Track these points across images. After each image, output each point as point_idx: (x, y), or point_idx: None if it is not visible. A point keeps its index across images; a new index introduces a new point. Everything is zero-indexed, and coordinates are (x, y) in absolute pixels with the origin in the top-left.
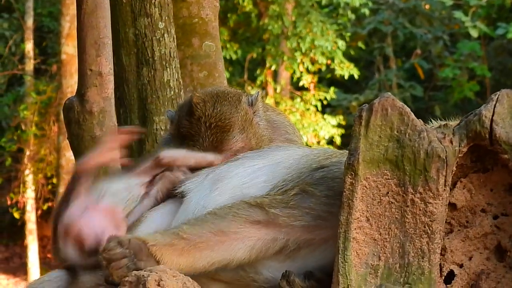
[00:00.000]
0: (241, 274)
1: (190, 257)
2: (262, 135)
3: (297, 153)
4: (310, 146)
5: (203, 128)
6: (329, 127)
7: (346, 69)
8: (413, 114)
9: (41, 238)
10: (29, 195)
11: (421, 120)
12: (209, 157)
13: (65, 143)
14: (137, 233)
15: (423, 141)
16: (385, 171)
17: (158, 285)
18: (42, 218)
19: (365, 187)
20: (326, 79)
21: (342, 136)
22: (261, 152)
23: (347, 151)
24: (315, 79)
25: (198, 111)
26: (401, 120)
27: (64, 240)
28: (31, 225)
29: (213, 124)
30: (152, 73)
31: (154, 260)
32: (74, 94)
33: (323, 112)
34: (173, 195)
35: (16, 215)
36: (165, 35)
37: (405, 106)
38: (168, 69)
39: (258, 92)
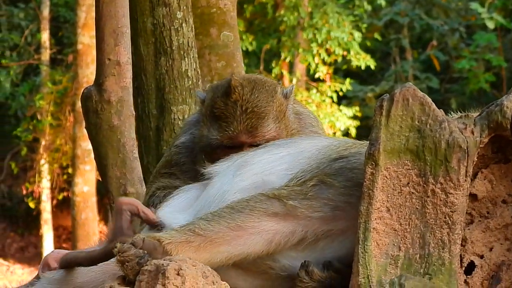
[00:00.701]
0: (258, 261)
1: (207, 252)
2: (292, 128)
3: (319, 144)
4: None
5: (239, 111)
6: (345, 118)
7: (362, 60)
8: (434, 104)
9: (56, 228)
10: (45, 185)
11: (442, 111)
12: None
13: (81, 133)
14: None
15: (444, 131)
16: (406, 161)
17: (178, 274)
18: (57, 208)
19: (386, 177)
20: (342, 70)
21: (357, 128)
22: (286, 141)
23: (367, 142)
24: (331, 70)
25: (235, 94)
26: (422, 110)
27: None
28: (47, 214)
29: (249, 109)
30: (170, 63)
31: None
32: (90, 83)
33: (339, 103)
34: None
35: (32, 204)
36: (183, 24)
37: (426, 96)
38: (186, 59)
39: (293, 85)
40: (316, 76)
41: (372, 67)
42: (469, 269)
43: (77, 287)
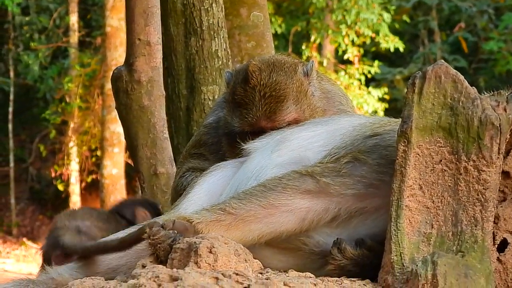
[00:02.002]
0: (292, 238)
1: (238, 231)
2: (316, 106)
3: (355, 121)
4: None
5: (257, 97)
6: (374, 100)
7: (391, 42)
8: (466, 81)
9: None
10: (73, 168)
11: (474, 88)
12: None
13: (110, 116)
14: (191, 196)
15: (476, 108)
16: (438, 139)
17: (210, 252)
18: (86, 190)
19: (418, 154)
20: (370, 52)
21: (386, 110)
22: (324, 118)
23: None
24: (361, 51)
25: (253, 79)
26: (454, 88)
27: None
28: (75, 197)
29: (268, 93)
30: (200, 43)
31: None
32: (120, 66)
33: (367, 85)
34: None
35: (60, 187)
36: (213, 5)
37: (459, 73)
38: (216, 39)
39: (313, 61)
40: (346, 57)
41: (401, 49)
42: (502, 246)
43: (111, 269)
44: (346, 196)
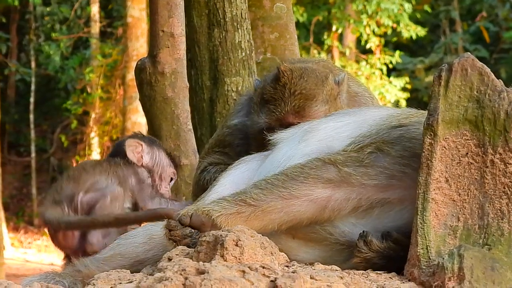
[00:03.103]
0: (317, 228)
1: (258, 221)
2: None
3: (384, 112)
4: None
5: (287, 93)
6: (395, 90)
7: (413, 31)
8: (493, 74)
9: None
10: (95, 158)
11: (501, 81)
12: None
13: (131, 106)
14: (217, 188)
15: (503, 101)
16: (465, 132)
17: (236, 245)
18: None
19: (444, 147)
20: (391, 43)
21: (407, 100)
22: (352, 109)
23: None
24: (382, 41)
25: (284, 78)
26: (481, 80)
27: None
28: None
29: (298, 91)
30: (223, 35)
31: (220, 230)
32: (140, 57)
33: (388, 75)
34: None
35: None
36: None
37: (485, 66)
38: (240, 30)
39: (344, 73)
40: (368, 47)
41: (423, 33)
42: None
43: (138, 261)
44: (367, 187)
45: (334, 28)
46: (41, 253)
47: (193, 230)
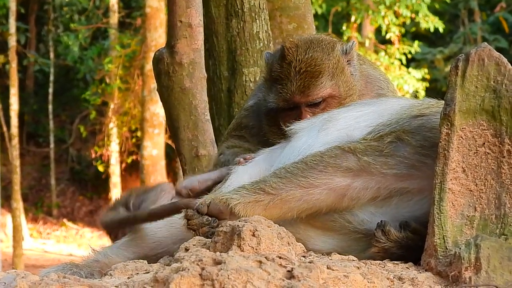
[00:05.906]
0: (336, 216)
1: (277, 209)
2: (353, 85)
3: (404, 102)
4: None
5: (293, 72)
6: (414, 80)
7: (431, 22)
8: (510, 64)
9: (125, 191)
10: (113, 149)
11: None
12: (223, 171)
13: (150, 97)
14: (235, 177)
15: None
16: (482, 122)
17: (253, 235)
18: (126, 171)
19: (461, 137)
20: (410, 33)
21: (426, 90)
22: (372, 100)
23: None
24: (403, 31)
25: (289, 55)
26: (497, 70)
27: None
28: (115, 178)
29: (303, 69)
30: (241, 25)
31: (238, 218)
32: (159, 47)
33: (407, 66)
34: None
35: (101, 168)
36: None
37: (502, 56)
38: (257, 20)
39: (353, 41)
40: (387, 37)
41: (441, 29)
42: None
43: (156, 243)
44: (386, 176)
45: (353, 18)
46: (59, 244)
47: (210, 219)
